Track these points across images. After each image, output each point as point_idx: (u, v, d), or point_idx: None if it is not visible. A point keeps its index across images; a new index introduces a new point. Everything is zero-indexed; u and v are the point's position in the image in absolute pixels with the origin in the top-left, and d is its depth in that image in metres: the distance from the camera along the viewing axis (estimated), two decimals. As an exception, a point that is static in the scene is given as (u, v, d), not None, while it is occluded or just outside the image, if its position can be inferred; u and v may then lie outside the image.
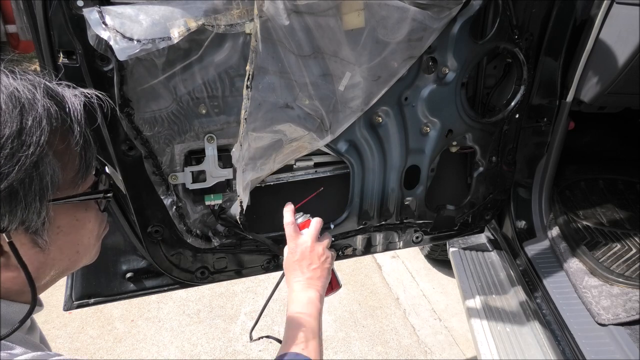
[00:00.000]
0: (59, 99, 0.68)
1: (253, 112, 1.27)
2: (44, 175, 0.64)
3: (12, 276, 0.68)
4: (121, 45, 1.02)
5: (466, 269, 2.17)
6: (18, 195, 0.61)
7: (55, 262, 0.73)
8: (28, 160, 0.61)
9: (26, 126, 0.61)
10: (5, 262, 0.66)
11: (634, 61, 1.63)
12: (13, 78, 0.64)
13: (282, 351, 1.03)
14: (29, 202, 0.63)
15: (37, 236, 0.67)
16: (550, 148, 1.94)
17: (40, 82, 0.67)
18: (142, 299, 3.04)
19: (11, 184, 0.60)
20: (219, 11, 1.12)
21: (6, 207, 0.61)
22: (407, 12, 1.28)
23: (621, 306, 1.64)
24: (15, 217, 0.62)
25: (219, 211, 1.45)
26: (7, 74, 0.65)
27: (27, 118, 0.62)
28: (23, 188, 0.61)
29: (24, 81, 0.65)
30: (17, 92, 0.63)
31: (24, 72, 0.67)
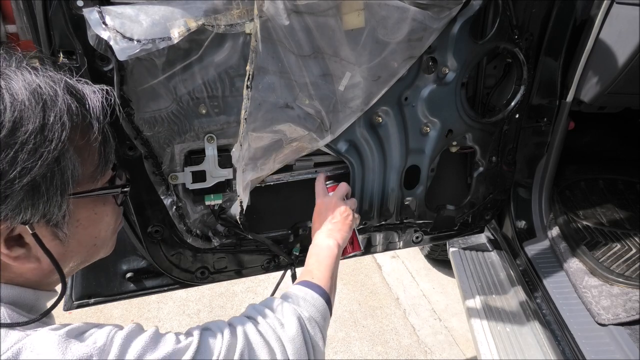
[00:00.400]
0: (79, 96, 0.70)
1: (253, 112, 1.27)
2: (65, 170, 0.66)
3: (32, 267, 0.70)
4: (121, 45, 1.02)
5: (466, 269, 2.17)
6: (40, 189, 0.63)
7: (74, 254, 0.75)
8: (50, 155, 0.62)
9: (48, 122, 0.63)
10: (26, 254, 0.68)
11: (634, 61, 1.63)
12: (35, 74, 0.66)
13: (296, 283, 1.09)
14: (51, 196, 0.64)
15: (57, 229, 0.69)
16: (550, 148, 1.94)
17: (61, 79, 0.68)
18: (142, 299, 3.04)
19: (34, 178, 0.61)
20: (219, 11, 1.12)
21: (29, 200, 0.62)
22: (407, 12, 1.28)
23: (621, 306, 1.64)
24: (37, 210, 0.64)
25: (219, 211, 1.45)
26: (29, 71, 0.66)
27: (49, 114, 0.63)
28: (45, 182, 0.63)
29: (45, 78, 0.66)
30: (39, 89, 0.64)
31: (46, 69, 0.68)
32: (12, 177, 0.60)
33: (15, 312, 0.66)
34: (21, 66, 0.67)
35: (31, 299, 0.71)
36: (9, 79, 0.63)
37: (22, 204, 0.62)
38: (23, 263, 0.68)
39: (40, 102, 0.63)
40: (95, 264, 0.87)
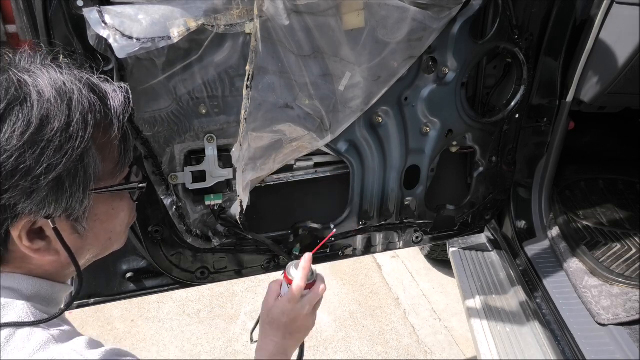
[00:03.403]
0: (101, 95, 0.71)
1: (253, 112, 1.27)
2: (88, 167, 0.67)
3: (51, 260, 0.71)
4: (120, 43, 1.02)
5: (466, 269, 2.17)
6: (64, 186, 0.65)
7: (90, 248, 0.77)
8: (75, 152, 0.64)
9: (73, 120, 0.64)
10: (46, 246, 0.70)
11: (634, 61, 1.63)
12: (60, 72, 0.67)
13: None
14: (74, 192, 0.66)
15: (77, 223, 0.71)
16: (550, 148, 1.94)
17: (84, 77, 0.70)
18: (142, 299, 3.03)
19: (59, 174, 0.63)
20: (219, 11, 1.12)
21: (53, 196, 0.64)
22: (407, 12, 1.28)
23: (621, 306, 1.64)
24: (60, 205, 0.66)
25: (219, 211, 1.45)
26: (54, 69, 0.67)
27: (74, 112, 0.64)
28: (69, 179, 0.65)
29: (70, 76, 0.68)
30: (64, 87, 0.65)
31: (70, 67, 0.70)
32: (39, 173, 0.61)
33: (37, 309, 0.68)
34: (46, 63, 0.68)
35: (49, 292, 0.74)
36: (36, 76, 0.64)
37: (47, 199, 0.64)
38: (43, 255, 0.70)
39: (65, 100, 0.64)
40: (95, 264, 0.88)
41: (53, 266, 0.73)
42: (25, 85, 0.62)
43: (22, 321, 0.65)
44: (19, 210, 0.63)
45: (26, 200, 0.62)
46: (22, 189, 0.61)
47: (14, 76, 0.63)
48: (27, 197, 0.62)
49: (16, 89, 0.61)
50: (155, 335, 2.88)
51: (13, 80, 0.62)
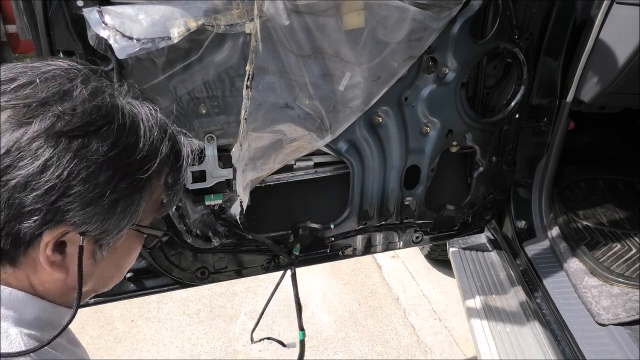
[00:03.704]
0: (178, 146, 0.77)
1: (253, 112, 1.27)
2: (142, 201, 0.71)
3: (58, 278, 0.69)
4: (121, 43, 1.02)
5: (466, 269, 2.17)
6: (117, 210, 0.67)
7: (94, 278, 0.76)
8: (139, 184, 0.68)
9: (149, 156, 0.69)
10: (61, 262, 0.68)
11: (634, 61, 1.63)
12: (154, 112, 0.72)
13: None
14: (120, 219, 0.68)
15: (99, 249, 0.71)
16: (550, 148, 1.94)
17: (170, 126, 0.76)
18: (142, 299, 3.03)
19: (119, 198, 0.66)
20: (219, 11, 1.12)
21: (102, 215, 0.66)
22: (407, 12, 1.28)
23: (621, 306, 1.64)
24: (102, 226, 0.67)
25: (219, 211, 1.45)
26: (150, 107, 0.72)
27: (154, 150, 0.70)
28: (123, 205, 0.68)
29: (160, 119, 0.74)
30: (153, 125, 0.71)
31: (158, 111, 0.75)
32: (104, 190, 0.64)
33: (31, 338, 0.65)
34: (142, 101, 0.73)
35: (50, 315, 0.71)
36: (132, 107, 0.70)
37: (96, 216, 0.65)
38: (54, 270, 0.68)
39: (150, 138, 0.69)
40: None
41: (56, 286, 0.70)
42: (120, 111, 0.67)
43: (12, 352, 0.62)
44: (66, 218, 0.63)
45: (80, 210, 0.63)
46: (83, 199, 0.63)
47: (114, 101, 0.68)
48: (82, 208, 0.63)
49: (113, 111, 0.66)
50: (155, 335, 2.88)
51: (116, 105, 0.67)
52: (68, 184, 0.61)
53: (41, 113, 0.61)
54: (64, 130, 0.61)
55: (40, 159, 0.59)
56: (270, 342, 2.71)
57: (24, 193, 0.60)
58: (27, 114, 0.60)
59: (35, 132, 0.59)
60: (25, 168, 0.59)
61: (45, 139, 0.60)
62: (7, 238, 0.63)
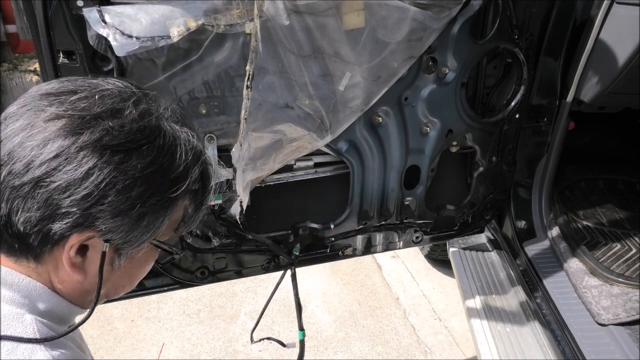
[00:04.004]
0: (208, 173, 0.81)
1: (253, 112, 1.27)
2: (166, 219, 0.74)
3: (76, 279, 0.72)
4: (120, 42, 1.02)
5: (466, 269, 2.17)
6: (142, 223, 0.71)
7: (109, 284, 0.79)
8: (167, 202, 0.72)
9: (180, 177, 0.73)
10: (80, 264, 0.71)
11: (634, 61, 1.63)
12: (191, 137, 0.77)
13: None
14: (144, 232, 0.72)
15: (118, 258, 0.74)
16: (550, 148, 1.94)
17: (204, 153, 0.80)
18: (142, 299, 3.03)
19: (146, 212, 0.70)
20: (219, 11, 1.12)
21: (128, 226, 0.69)
22: (407, 12, 1.28)
23: (621, 306, 1.64)
24: (126, 236, 0.70)
25: (219, 211, 1.45)
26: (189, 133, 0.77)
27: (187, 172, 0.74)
28: (149, 219, 0.71)
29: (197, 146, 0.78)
30: (189, 150, 0.75)
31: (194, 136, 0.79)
32: (136, 203, 0.68)
33: (45, 326, 0.69)
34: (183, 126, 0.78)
35: (65, 312, 0.75)
36: (174, 130, 0.74)
37: (122, 227, 0.69)
38: (73, 271, 0.71)
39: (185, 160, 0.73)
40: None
41: (74, 287, 0.74)
42: (162, 133, 0.71)
43: (25, 337, 0.65)
44: (96, 224, 0.67)
45: (109, 219, 0.67)
46: (114, 209, 0.67)
47: (158, 123, 0.72)
48: (112, 217, 0.67)
49: (156, 132, 0.70)
50: (155, 335, 2.88)
51: (159, 127, 0.72)
52: (104, 192, 0.65)
53: (93, 126, 0.65)
54: (110, 144, 0.65)
55: (84, 166, 0.64)
56: (270, 342, 2.71)
57: (63, 195, 0.64)
58: (80, 125, 0.65)
59: (85, 142, 0.64)
60: (68, 173, 0.64)
61: (92, 149, 0.64)
62: (38, 235, 0.66)
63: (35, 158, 0.63)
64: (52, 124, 0.65)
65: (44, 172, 0.63)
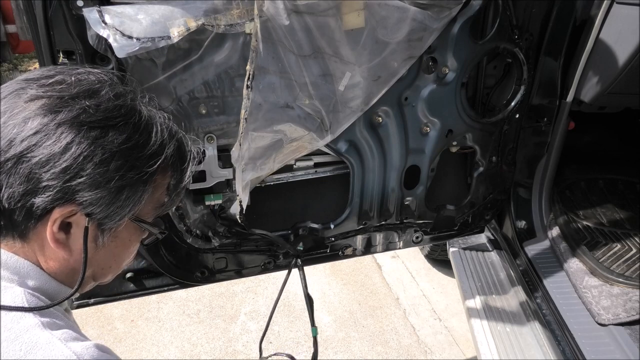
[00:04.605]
0: (184, 149, 0.84)
1: (253, 112, 1.27)
2: (144, 193, 0.77)
3: (61, 256, 0.75)
4: (120, 42, 1.02)
5: (466, 269, 2.17)
6: (122, 196, 0.73)
7: (95, 264, 0.81)
8: (144, 176, 0.75)
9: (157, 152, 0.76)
10: (65, 241, 0.74)
11: (634, 61, 1.63)
12: (166, 120, 0.81)
13: None
14: (123, 206, 0.75)
15: (101, 234, 0.77)
16: (550, 148, 1.94)
17: (179, 132, 0.84)
18: (142, 299, 3.03)
19: (124, 185, 0.73)
20: (219, 11, 1.12)
21: (108, 199, 0.72)
22: (407, 12, 1.28)
23: (621, 306, 1.64)
24: (106, 209, 0.73)
25: (219, 211, 1.45)
26: (164, 116, 0.81)
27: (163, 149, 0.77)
28: (128, 193, 0.74)
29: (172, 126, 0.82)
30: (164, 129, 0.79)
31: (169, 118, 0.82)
32: (114, 176, 0.71)
33: (34, 297, 0.71)
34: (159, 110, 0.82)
35: (54, 289, 0.76)
36: (148, 111, 0.78)
37: (103, 199, 0.71)
38: (58, 248, 0.73)
39: (160, 138, 0.77)
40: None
41: (60, 265, 0.76)
42: (137, 112, 0.75)
43: (14, 305, 0.67)
44: (76, 197, 0.70)
45: (89, 191, 0.70)
46: (93, 181, 0.69)
47: (134, 104, 0.76)
48: (92, 190, 0.70)
49: (132, 112, 0.74)
50: (155, 335, 2.88)
51: (134, 108, 0.76)
52: (82, 165, 0.68)
53: (70, 105, 0.70)
54: (86, 120, 0.69)
55: (63, 141, 0.67)
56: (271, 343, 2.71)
57: (43, 169, 0.67)
58: (58, 104, 0.69)
59: (63, 119, 0.68)
60: (48, 147, 0.67)
61: (70, 126, 0.68)
62: (22, 210, 0.69)
63: (17, 135, 0.67)
64: (32, 104, 0.69)
65: (25, 147, 0.67)
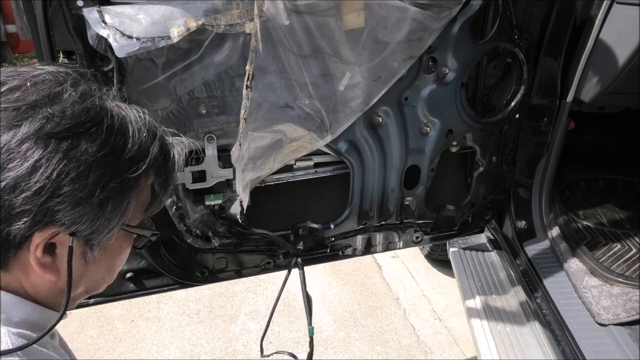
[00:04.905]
0: (168, 147, 0.78)
1: (253, 112, 1.27)
2: (131, 200, 0.71)
3: (50, 280, 0.69)
4: (120, 42, 1.02)
5: (466, 269, 2.17)
6: (106, 209, 0.67)
7: (87, 280, 0.76)
8: (128, 184, 0.68)
9: (138, 155, 0.69)
10: (51, 263, 0.68)
11: (634, 61, 1.63)
12: (142, 114, 0.74)
13: None
14: (110, 218, 0.68)
15: (90, 250, 0.71)
16: (550, 148, 1.94)
17: (159, 128, 0.78)
18: (142, 299, 3.03)
19: (108, 197, 0.66)
20: (219, 11, 1.12)
21: (93, 214, 0.66)
22: (407, 12, 1.28)
23: (621, 306, 1.64)
24: (92, 225, 0.67)
25: (219, 211, 1.45)
26: (138, 111, 0.74)
27: (144, 151, 0.70)
28: (113, 204, 0.68)
29: (150, 122, 0.75)
30: (142, 127, 0.72)
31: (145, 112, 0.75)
32: (94, 189, 0.64)
33: (21, 337, 0.65)
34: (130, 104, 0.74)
35: (38, 318, 0.70)
36: (120, 109, 0.71)
37: (85, 216, 0.65)
38: (44, 272, 0.67)
39: (139, 139, 0.70)
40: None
41: (48, 288, 0.70)
42: (108, 113, 0.68)
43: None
44: (56, 218, 0.63)
45: (70, 210, 0.63)
46: (73, 199, 0.63)
47: (102, 103, 0.68)
48: (72, 208, 0.63)
49: (102, 113, 0.67)
50: (155, 335, 2.88)
51: (104, 107, 0.68)
52: (57, 184, 0.61)
53: (31, 116, 0.61)
54: (53, 131, 0.61)
55: (30, 160, 0.59)
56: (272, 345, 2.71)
57: (13, 195, 0.60)
58: (16, 116, 0.61)
59: (25, 134, 0.60)
60: (14, 170, 0.59)
61: (35, 140, 0.60)
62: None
63: None
64: None
65: None
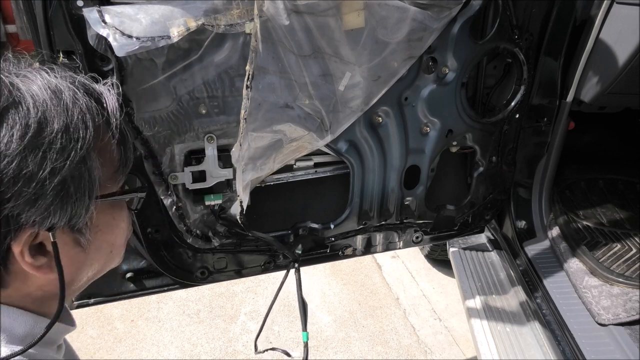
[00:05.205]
0: (96, 95, 0.69)
1: (253, 112, 1.27)
2: (92, 170, 0.64)
3: (53, 278, 0.66)
4: (120, 42, 1.02)
5: (466, 269, 2.17)
6: (69, 191, 0.62)
7: (92, 263, 0.73)
8: (77, 154, 0.61)
9: (72, 121, 0.62)
10: (48, 262, 0.65)
11: (634, 61, 1.63)
12: (52, 75, 0.65)
13: None
14: (79, 198, 0.63)
15: (80, 235, 0.67)
16: (550, 148, 1.94)
17: (76, 78, 0.68)
18: (142, 299, 3.03)
19: (63, 178, 0.60)
20: (219, 11, 1.12)
21: (58, 202, 0.61)
22: (407, 12, 1.28)
23: (621, 306, 1.64)
24: (65, 213, 0.62)
25: (219, 211, 1.45)
26: (47, 71, 0.65)
27: (72, 113, 0.62)
28: (74, 183, 0.62)
29: (62, 78, 0.66)
30: (58, 88, 0.63)
31: (61, 69, 0.67)
32: (43, 177, 0.58)
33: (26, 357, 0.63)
34: (36, 67, 0.66)
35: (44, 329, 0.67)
36: (28, 79, 0.62)
37: (52, 207, 0.61)
38: (45, 273, 0.65)
39: (61, 102, 0.62)
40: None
41: (54, 286, 0.67)
42: (17, 88, 0.60)
43: None
44: (22, 221, 0.59)
45: (30, 208, 0.59)
46: (26, 197, 0.58)
47: (6, 79, 0.60)
48: (32, 205, 0.59)
49: (9, 92, 0.59)
50: (155, 335, 2.88)
51: (6, 83, 0.59)
52: None
53: None
54: None
55: None
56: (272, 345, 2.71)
57: None
58: None
59: None
60: None
61: None
62: None
63: None
64: None
65: None
